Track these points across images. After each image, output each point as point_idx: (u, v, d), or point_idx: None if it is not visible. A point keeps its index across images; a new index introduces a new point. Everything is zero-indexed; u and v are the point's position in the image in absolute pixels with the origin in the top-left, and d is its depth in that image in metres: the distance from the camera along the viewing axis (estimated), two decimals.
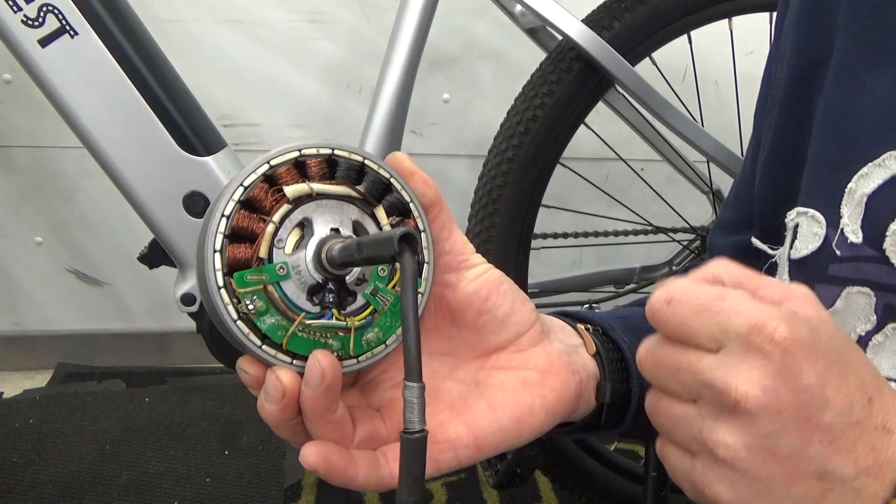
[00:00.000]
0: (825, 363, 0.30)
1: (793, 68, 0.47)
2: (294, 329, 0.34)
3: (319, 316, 0.35)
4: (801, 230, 0.43)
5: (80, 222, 1.51)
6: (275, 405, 0.34)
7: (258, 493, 1.19)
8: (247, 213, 0.34)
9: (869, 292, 0.39)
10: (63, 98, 0.72)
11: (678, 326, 0.32)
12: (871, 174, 0.39)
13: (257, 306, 0.34)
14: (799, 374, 0.29)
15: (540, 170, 1.00)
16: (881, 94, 0.40)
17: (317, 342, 0.35)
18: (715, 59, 1.27)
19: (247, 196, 0.34)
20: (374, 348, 0.37)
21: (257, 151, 1.48)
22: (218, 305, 0.33)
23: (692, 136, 1.09)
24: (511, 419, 0.38)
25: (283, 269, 0.34)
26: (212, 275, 0.33)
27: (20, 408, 1.39)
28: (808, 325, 0.30)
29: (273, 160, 0.35)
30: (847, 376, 0.30)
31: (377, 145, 0.93)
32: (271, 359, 0.34)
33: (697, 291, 0.32)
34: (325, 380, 0.33)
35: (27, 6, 0.69)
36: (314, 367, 0.33)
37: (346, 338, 0.36)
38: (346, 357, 0.36)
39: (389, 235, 0.31)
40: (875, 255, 0.39)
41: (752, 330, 0.29)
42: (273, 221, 0.35)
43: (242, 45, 1.42)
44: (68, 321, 1.59)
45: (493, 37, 1.47)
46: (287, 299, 0.34)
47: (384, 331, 0.37)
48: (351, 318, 0.36)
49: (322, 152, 0.36)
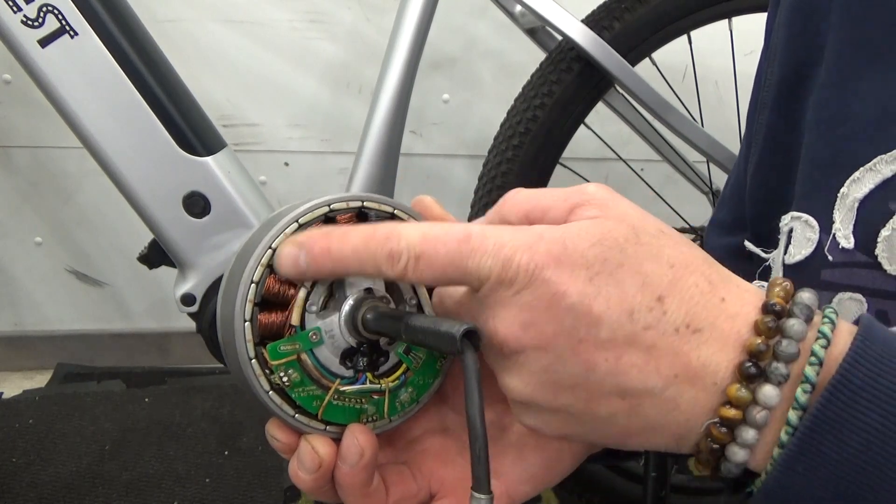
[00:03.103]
0: (586, 275, 0.27)
1: (783, 69, 0.47)
2: (329, 398, 0.33)
3: (353, 381, 0.34)
4: (795, 235, 0.43)
5: (80, 222, 1.51)
6: (310, 475, 0.33)
7: (258, 493, 1.19)
8: (277, 279, 0.32)
9: (861, 298, 0.38)
10: (63, 98, 0.72)
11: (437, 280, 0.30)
12: (863, 179, 0.39)
13: (292, 378, 0.32)
14: (555, 297, 0.27)
15: (540, 170, 1.00)
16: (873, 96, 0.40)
17: (351, 409, 0.34)
18: (715, 59, 1.28)
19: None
20: (406, 407, 0.36)
21: (257, 152, 1.49)
22: (250, 377, 0.32)
23: (692, 137, 1.09)
24: (541, 467, 0.37)
25: (317, 335, 0.33)
26: (243, 346, 0.32)
27: (20, 408, 1.39)
28: (558, 240, 0.28)
29: (302, 219, 0.33)
30: (621, 281, 0.28)
31: (377, 145, 0.93)
32: (305, 427, 0.33)
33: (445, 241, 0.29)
34: (364, 458, 0.32)
35: (27, 6, 0.69)
36: (353, 444, 0.32)
37: (381, 401, 0.34)
38: (379, 419, 0.35)
39: (450, 331, 0.28)
40: (867, 260, 0.38)
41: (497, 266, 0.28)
42: (305, 286, 0.33)
43: (242, 45, 1.42)
44: (68, 321, 1.59)
45: (493, 37, 1.47)
46: (320, 366, 0.33)
47: (417, 390, 0.36)
48: (384, 379, 0.35)
49: (352, 206, 0.34)
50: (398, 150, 0.95)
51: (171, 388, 1.49)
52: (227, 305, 0.33)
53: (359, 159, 0.93)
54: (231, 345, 0.32)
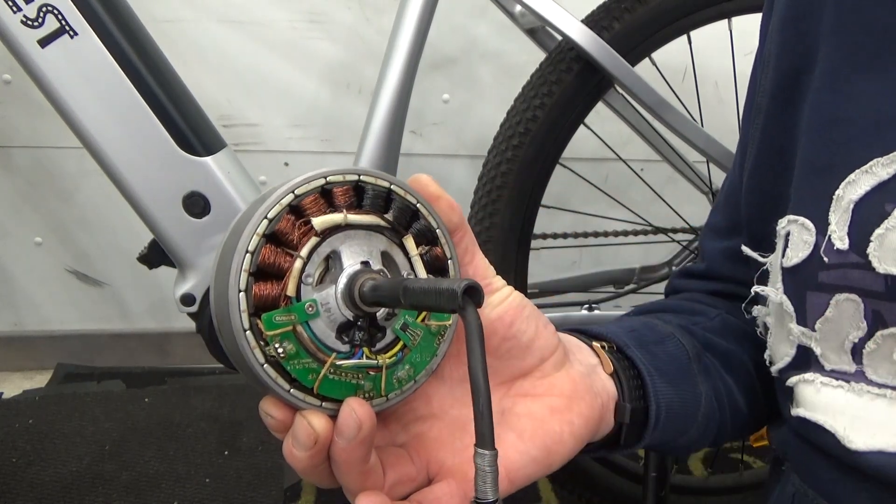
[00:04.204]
0: None
1: (777, 74, 0.47)
2: (325, 371, 0.32)
3: (350, 355, 0.33)
4: (792, 238, 0.43)
5: (80, 222, 1.51)
6: (305, 452, 0.32)
7: (258, 494, 1.19)
8: (273, 248, 0.32)
9: (856, 299, 0.39)
10: (63, 98, 0.72)
11: None
12: (859, 181, 0.39)
13: (287, 350, 0.31)
14: None
15: (539, 170, 1.00)
16: (867, 100, 0.40)
17: (348, 384, 0.33)
18: (715, 60, 1.27)
19: (272, 230, 0.32)
20: (404, 385, 0.35)
21: (257, 152, 1.49)
22: (244, 349, 0.31)
23: (692, 137, 1.09)
24: (541, 449, 0.37)
25: (313, 307, 0.32)
26: (237, 316, 0.31)
27: (20, 408, 1.39)
28: None
29: (298, 189, 0.32)
30: None
31: (377, 145, 0.93)
32: (300, 402, 0.32)
33: None
34: (362, 431, 0.31)
35: (27, 6, 0.69)
36: (350, 416, 0.31)
37: (378, 377, 0.34)
38: (375, 396, 0.34)
39: (451, 287, 0.28)
40: (860, 261, 0.38)
41: None
42: (301, 257, 0.32)
43: (242, 45, 1.42)
44: (68, 321, 1.59)
45: (493, 37, 1.47)
46: (316, 339, 0.32)
47: (415, 367, 0.35)
48: (382, 355, 0.34)
49: (348, 178, 0.34)
50: (398, 150, 0.95)
51: (171, 388, 1.49)
52: (221, 277, 0.32)
53: (359, 159, 0.93)
54: (225, 317, 0.31)
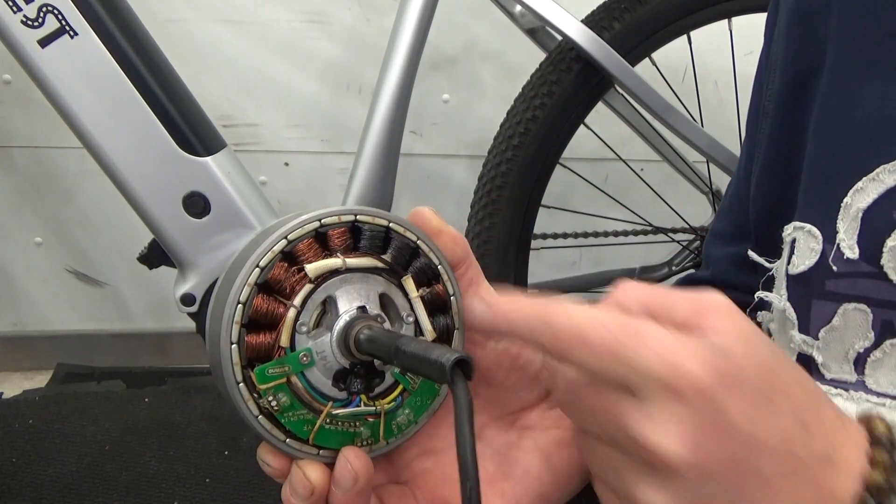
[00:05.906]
0: (751, 396, 0.26)
1: (784, 78, 0.47)
2: (321, 423, 0.32)
3: (346, 403, 0.32)
4: (799, 245, 0.42)
5: (80, 222, 1.51)
6: (303, 502, 0.32)
7: (258, 493, 1.19)
8: (265, 297, 0.31)
9: (866, 309, 0.38)
10: (63, 98, 0.72)
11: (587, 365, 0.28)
12: (866, 189, 0.38)
13: (281, 402, 0.31)
14: (725, 419, 0.26)
15: (539, 170, 1.01)
16: (873, 104, 0.40)
17: (345, 433, 0.32)
18: (715, 60, 1.28)
19: (264, 278, 0.31)
20: (404, 430, 0.34)
21: (257, 152, 1.49)
22: (237, 401, 0.31)
23: (692, 137, 1.09)
24: (549, 485, 0.36)
25: (308, 357, 0.31)
26: (230, 369, 0.30)
27: (20, 408, 1.39)
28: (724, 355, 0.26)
29: (291, 235, 0.31)
30: (778, 404, 0.27)
31: (377, 145, 0.93)
32: (297, 452, 0.32)
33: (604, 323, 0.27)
34: (359, 483, 0.31)
35: (27, 6, 0.69)
36: (345, 469, 0.31)
37: (376, 423, 0.33)
38: (374, 443, 0.33)
39: (439, 360, 0.27)
40: (872, 270, 0.38)
41: (667, 372, 0.26)
42: (295, 306, 0.31)
43: (242, 45, 1.42)
44: (68, 321, 1.59)
45: (492, 37, 1.47)
46: (311, 389, 0.32)
47: (415, 411, 0.34)
48: (380, 401, 0.33)
49: (344, 220, 0.32)
50: (398, 150, 0.95)
51: (171, 388, 1.49)
52: (214, 326, 0.31)
53: (359, 159, 0.93)
54: (218, 367, 0.31)
